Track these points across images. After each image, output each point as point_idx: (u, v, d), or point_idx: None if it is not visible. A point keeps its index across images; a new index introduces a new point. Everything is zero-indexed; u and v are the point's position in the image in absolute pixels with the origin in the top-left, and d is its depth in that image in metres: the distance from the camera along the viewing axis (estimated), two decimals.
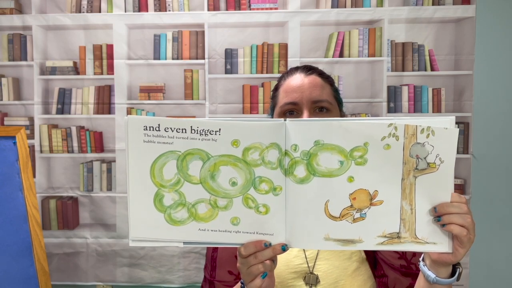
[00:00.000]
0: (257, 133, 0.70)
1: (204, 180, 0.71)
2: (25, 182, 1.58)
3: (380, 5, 2.07)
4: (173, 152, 0.70)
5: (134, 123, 0.69)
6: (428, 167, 0.68)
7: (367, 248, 0.71)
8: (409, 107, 2.09)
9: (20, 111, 2.19)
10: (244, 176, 0.71)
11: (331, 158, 0.69)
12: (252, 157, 0.70)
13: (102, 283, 2.18)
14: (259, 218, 0.71)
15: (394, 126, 0.67)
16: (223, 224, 0.71)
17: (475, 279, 2.08)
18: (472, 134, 2.07)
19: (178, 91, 2.16)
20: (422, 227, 0.69)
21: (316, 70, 0.97)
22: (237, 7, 2.12)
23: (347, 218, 0.70)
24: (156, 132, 0.69)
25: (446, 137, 0.67)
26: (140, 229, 0.71)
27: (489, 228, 2.08)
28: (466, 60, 2.06)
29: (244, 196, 0.71)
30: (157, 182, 0.70)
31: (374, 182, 0.69)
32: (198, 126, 0.69)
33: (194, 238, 0.71)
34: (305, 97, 0.91)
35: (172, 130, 0.69)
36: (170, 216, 0.71)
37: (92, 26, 2.14)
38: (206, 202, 0.71)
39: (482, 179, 2.06)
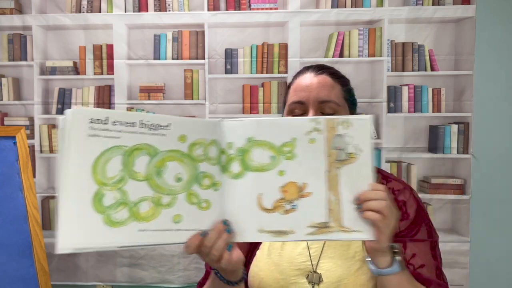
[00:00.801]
0: (202, 129, 0.73)
1: (150, 177, 0.69)
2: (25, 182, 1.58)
3: (380, 5, 2.07)
4: (119, 147, 0.67)
5: (79, 115, 0.65)
6: (349, 157, 0.73)
7: (298, 238, 0.73)
8: (409, 107, 2.09)
9: (20, 111, 2.19)
10: (189, 172, 0.72)
11: (262, 154, 0.73)
12: (197, 152, 0.72)
13: (102, 283, 2.18)
14: (201, 214, 0.72)
15: (316, 120, 0.73)
16: (165, 222, 0.70)
17: (475, 279, 2.08)
18: (472, 134, 2.06)
19: (178, 91, 2.16)
20: (347, 216, 0.72)
21: (328, 70, 0.95)
22: (237, 7, 2.12)
23: (279, 210, 0.73)
24: (104, 126, 0.66)
25: (361, 126, 0.72)
26: (73, 235, 0.65)
27: (489, 228, 2.08)
28: (466, 60, 2.06)
29: (188, 192, 0.71)
30: (98, 180, 0.66)
31: (302, 175, 0.73)
32: (148, 121, 0.69)
33: (133, 240, 0.68)
34: (312, 97, 0.90)
35: (120, 124, 0.67)
36: (109, 217, 0.67)
37: (92, 26, 2.14)
38: (149, 200, 0.69)
39: (482, 179, 2.06)
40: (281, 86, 2.13)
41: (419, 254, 0.87)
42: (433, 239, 0.90)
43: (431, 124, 2.11)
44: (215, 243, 0.71)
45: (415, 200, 0.92)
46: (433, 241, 0.89)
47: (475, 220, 2.07)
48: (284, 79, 2.12)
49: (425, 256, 0.87)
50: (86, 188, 0.66)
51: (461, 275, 2.08)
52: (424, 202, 2.08)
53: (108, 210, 0.66)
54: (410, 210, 0.90)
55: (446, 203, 2.10)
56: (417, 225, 0.89)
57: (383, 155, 2.08)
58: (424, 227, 0.89)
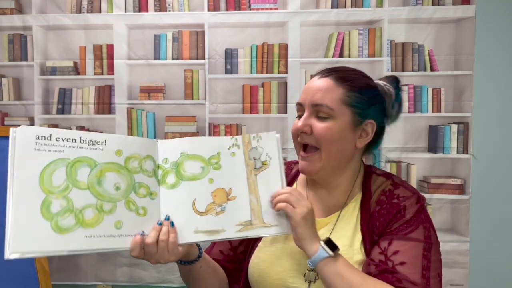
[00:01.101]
0: (136, 146, 0.84)
1: (92, 186, 0.78)
2: None
3: (380, 5, 2.07)
4: (63, 160, 0.76)
5: (26, 133, 0.75)
6: (262, 165, 0.89)
7: (229, 236, 0.85)
8: (409, 107, 2.09)
9: (21, 111, 2.19)
10: (126, 181, 0.81)
11: (194, 165, 0.86)
12: (133, 165, 0.83)
13: (103, 283, 2.18)
14: (139, 219, 0.81)
15: (235, 138, 0.89)
16: (108, 228, 0.78)
17: (475, 279, 2.08)
18: (472, 134, 2.07)
19: (178, 91, 2.16)
20: (267, 214, 0.86)
21: (336, 73, 0.93)
22: (237, 7, 2.12)
23: (211, 213, 0.84)
24: (48, 142, 0.76)
25: (269, 139, 0.90)
26: (23, 241, 0.70)
27: (489, 228, 2.08)
28: (466, 60, 2.06)
29: (126, 199, 0.81)
30: (45, 189, 0.74)
31: (228, 181, 0.87)
32: (86, 137, 0.79)
33: (81, 245, 0.75)
34: (307, 100, 0.91)
35: (63, 140, 0.77)
36: (57, 224, 0.73)
37: (92, 26, 2.14)
38: (93, 207, 0.77)
39: (482, 179, 2.06)
40: (281, 86, 2.13)
41: (404, 252, 0.84)
42: (429, 241, 0.86)
43: (431, 124, 2.12)
44: (159, 239, 0.80)
45: (419, 207, 0.90)
46: (428, 242, 0.86)
47: (475, 220, 2.07)
48: (284, 79, 2.12)
49: (410, 255, 0.84)
50: (35, 196, 0.73)
51: (461, 275, 2.08)
52: None
53: (56, 217, 0.73)
54: (407, 212, 0.88)
55: (446, 203, 2.10)
56: (412, 225, 0.87)
57: (383, 155, 2.09)
58: (421, 228, 0.87)
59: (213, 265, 1.00)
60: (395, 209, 0.89)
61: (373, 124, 0.92)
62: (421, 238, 0.86)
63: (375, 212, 0.90)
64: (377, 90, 0.95)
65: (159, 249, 0.80)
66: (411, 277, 0.82)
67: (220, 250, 1.05)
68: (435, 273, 0.85)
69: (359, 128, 0.91)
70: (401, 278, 0.82)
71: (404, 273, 0.82)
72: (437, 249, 0.88)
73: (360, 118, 0.91)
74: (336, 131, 0.89)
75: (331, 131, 0.89)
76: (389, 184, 0.94)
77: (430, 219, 0.91)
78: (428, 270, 0.84)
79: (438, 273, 0.86)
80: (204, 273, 0.95)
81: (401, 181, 0.96)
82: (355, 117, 0.90)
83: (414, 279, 0.82)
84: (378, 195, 0.93)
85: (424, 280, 0.82)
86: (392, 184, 0.94)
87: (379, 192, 0.93)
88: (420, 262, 0.84)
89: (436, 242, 0.88)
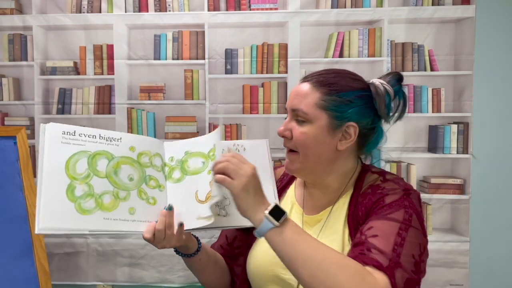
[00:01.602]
0: (147, 144, 0.96)
1: (109, 175, 0.89)
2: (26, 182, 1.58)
3: (380, 5, 2.08)
4: (85, 152, 0.89)
5: (54, 128, 0.88)
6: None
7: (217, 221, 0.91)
8: (409, 107, 2.09)
9: (21, 111, 2.19)
10: (138, 174, 0.93)
11: (196, 161, 0.95)
12: (144, 160, 0.95)
13: (103, 283, 2.18)
14: (150, 208, 0.92)
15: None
16: (123, 213, 0.88)
17: (475, 279, 2.08)
18: (472, 134, 2.07)
19: (178, 91, 2.16)
20: None
21: (316, 77, 0.95)
22: (237, 7, 2.12)
23: (209, 200, 0.89)
24: (72, 136, 0.89)
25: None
26: (50, 219, 0.81)
27: (489, 228, 2.08)
28: (466, 60, 2.06)
29: (138, 189, 0.92)
30: (70, 175, 0.86)
31: None
32: (105, 134, 0.92)
33: (100, 226, 0.85)
34: (288, 105, 0.97)
35: (85, 136, 0.90)
36: (80, 205, 0.84)
37: (93, 26, 2.14)
38: (110, 193, 0.88)
39: (481, 179, 2.06)
40: (281, 86, 2.13)
41: (379, 227, 0.83)
42: (407, 223, 0.84)
43: (431, 124, 2.12)
44: (167, 224, 0.88)
45: (403, 194, 0.89)
46: (407, 224, 0.83)
47: (474, 220, 2.07)
48: (284, 79, 2.12)
49: (385, 230, 0.82)
50: (61, 181, 0.85)
51: (461, 275, 2.08)
52: (424, 202, 2.09)
53: (79, 200, 0.85)
54: (388, 198, 0.88)
55: (446, 203, 2.10)
56: (393, 208, 0.86)
57: (383, 155, 2.09)
58: (402, 212, 0.85)
59: (214, 257, 1.07)
60: (378, 196, 0.89)
61: (355, 126, 0.92)
62: (400, 219, 0.84)
63: (359, 204, 0.91)
64: (363, 91, 0.94)
65: (166, 235, 0.88)
66: (380, 247, 0.80)
67: (220, 244, 1.13)
68: (409, 252, 0.81)
69: (339, 130, 0.92)
70: (370, 247, 0.80)
71: (374, 243, 0.80)
72: (418, 234, 0.85)
73: (338, 121, 0.92)
74: (311, 135, 0.91)
75: (305, 135, 0.92)
76: (379, 180, 0.94)
77: (416, 208, 0.88)
78: (401, 247, 0.80)
79: (413, 255, 0.82)
80: (204, 265, 1.04)
81: (393, 177, 0.96)
82: (332, 121, 0.91)
83: (383, 248, 0.79)
84: (365, 189, 0.93)
85: (394, 254, 0.79)
86: (382, 180, 0.94)
87: (367, 186, 0.94)
88: (393, 238, 0.81)
89: (417, 227, 0.85)
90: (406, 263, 0.80)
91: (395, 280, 0.76)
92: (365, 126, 0.94)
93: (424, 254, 0.85)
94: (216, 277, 1.08)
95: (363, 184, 0.95)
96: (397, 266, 0.78)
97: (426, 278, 0.87)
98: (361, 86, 0.95)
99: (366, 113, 0.94)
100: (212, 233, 1.82)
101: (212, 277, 1.08)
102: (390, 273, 0.76)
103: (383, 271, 0.77)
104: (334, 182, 0.97)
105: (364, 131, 0.94)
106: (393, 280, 0.76)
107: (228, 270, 1.11)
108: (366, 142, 0.97)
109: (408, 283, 0.79)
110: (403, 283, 0.77)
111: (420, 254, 0.83)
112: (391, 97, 0.95)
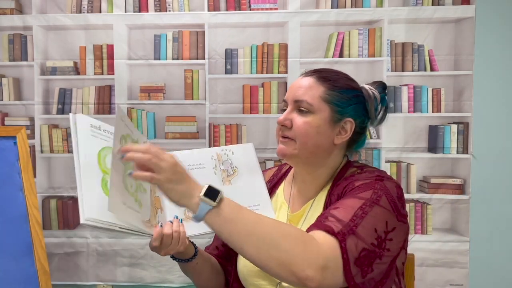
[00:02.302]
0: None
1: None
2: (26, 182, 1.58)
3: (380, 5, 2.07)
4: (110, 148, 0.85)
5: (83, 120, 0.86)
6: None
7: None
8: (409, 107, 2.09)
9: (21, 111, 2.19)
10: None
11: None
12: None
13: (103, 283, 2.18)
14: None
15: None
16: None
17: (475, 279, 2.08)
18: (472, 134, 2.07)
19: (178, 91, 2.16)
20: None
21: (318, 73, 0.99)
22: (237, 7, 2.12)
23: None
24: (98, 131, 0.88)
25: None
26: (92, 211, 0.78)
27: (489, 228, 2.08)
28: (466, 60, 2.06)
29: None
30: (102, 169, 0.84)
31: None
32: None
33: (134, 222, 0.82)
34: (290, 96, 0.98)
35: (108, 132, 0.89)
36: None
37: (93, 26, 2.14)
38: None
39: (482, 179, 2.06)
40: (281, 86, 2.13)
41: (342, 202, 0.84)
42: (374, 201, 0.83)
43: (431, 124, 2.12)
44: (173, 230, 0.90)
45: (375, 178, 0.89)
46: (373, 202, 0.83)
47: (475, 220, 2.07)
48: (284, 79, 2.12)
49: (347, 204, 0.83)
50: (96, 175, 0.82)
51: (461, 275, 2.08)
52: (423, 202, 2.09)
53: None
54: (357, 181, 0.89)
55: (446, 203, 2.10)
56: (361, 188, 0.87)
57: (382, 155, 2.09)
58: (370, 192, 0.85)
59: (210, 260, 1.10)
60: (348, 182, 0.92)
61: (352, 122, 0.96)
62: (366, 197, 0.84)
63: (333, 192, 0.94)
64: (359, 91, 1.00)
65: (173, 240, 0.90)
66: (338, 216, 0.80)
67: (216, 245, 1.15)
68: (369, 225, 0.80)
69: (338, 125, 0.96)
70: (328, 216, 0.81)
71: (333, 213, 0.81)
72: (385, 213, 0.83)
73: (339, 116, 0.95)
74: (314, 125, 0.94)
75: (308, 125, 0.94)
76: (357, 172, 0.96)
77: (388, 190, 0.86)
78: (360, 219, 0.80)
79: (376, 229, 0.80)
80: (200, 268, 1.06)
81: (372, 169, 0.97)
82: (334, 114, 0.95)
83: (340, 217, 0.79)
84: (342, 180, 0.95)
85: (351, 223, 0.78)
86: (359, 172, 0.96)
87: (344, 178, 0.96)
88: (354, 211, 0.81)
89: (386, 207, 0.84)
90: (364, 233, 0.79)
91: (346, 246, 0.76)
92: (358, 124, 0.98)
93: (392, 233, 0.83)
94: (212, 279, 1.11)
95: (342, 176, 0.98)
96: (351, 233, 0.77)
97: (426, 278, 0.87)
98: (357, 86, 1.01)
99: (361, 113, 0.99)
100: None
101: (207, 280, 1.10)
102: (341, 238, 0.76)
103: (334, 236, 0.76)
104: (322, 175, 1.00)
105: (357, 130, 0.98)
106: (343, 245, 0.76)
107: (222, 272, 1.13)
108: (356, 140, 1.01)
109: (367, 255, 0.78)
110: (358, 253, 0.77)
111: (386, 231, 0.82)
112: (377, 102, 1.01)
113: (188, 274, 1.08)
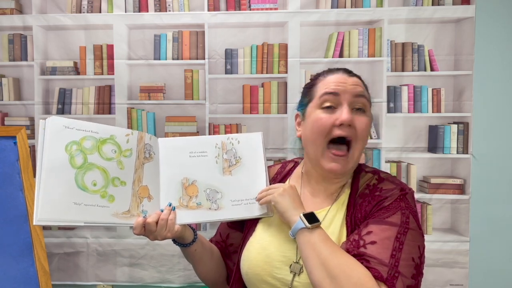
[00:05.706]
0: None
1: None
2: (26, 182, 1.58)
3: (380, 6, 2.08)
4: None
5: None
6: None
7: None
8: (409, 107, 2.09)
9: (21, 111, 2.19)
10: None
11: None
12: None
13: (103, 283, 2.18)
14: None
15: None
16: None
17: (475, 279, 2.08)
18: (472, 134, 2.07)
19: (178, 91, 2.16)
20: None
21: (351, 73, 1.01)
22: (237, 7, 2.12)
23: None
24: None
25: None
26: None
27: (489, 228, 2.08)
28: (466, 60, 2.06)
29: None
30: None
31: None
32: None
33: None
34: (348, 90, 0.94)
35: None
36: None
37: (93, 26, 2.14)
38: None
39: (482, 179, 2.07)
40: (281, 86, 2.13)
41: (377, 233, 0.84)
42: (405, 226, 0.85)
43: (431, 124, 2.12)
44: (160, 218, 0.96)
45: (400, 195, 0.90)
46: (404, 227, 0.85)
47: (474, 220, 2.07)
48: (284, 79, 2.12)
49: (382, 236, 0.84)
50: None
51: (461, 275, 2.08)
52: (423, 202, 2.09)
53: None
54: (386, 201, 0.90)
55: (446, 203, 2.10)
56: (390, 211, 0.87)
57: (382, 155, 2.09)
58: (399, 214, 0.87)
59: (210, 250, 1.12)
60: (376, 200, 0.91)
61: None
62: (397, 223, 0.86)
63: (358, 205, 0.93)
64: None
65: (158, 227, 0.96)
66: (379, 256, 0.81)
67: (216, 240, 1.18)
68: (408, 256, 0.82)
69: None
70: (369, 258, 0.82)
71: (372, 252, 0.82)
72: (416, 235, 0.86)
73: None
74: (368, 125, 0.95)
75: (366, 125, 0.94)
76: (375, 179, 0.96)
77: (412, 207, 0.90)
78: (399, 252, 0.82)
79: (413, 258, 0.83)
80: (199, 256, 1.08)
81: (387, 175, 0.98)
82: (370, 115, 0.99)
83: (381, 258, 0.81)
84: (362, 189, 0.95)
85: (393, 260, 0.80)
86: (377, 178, 0.96)
87: (364, 186, 0.95)
88: (392, 243, 0.82)
89: (415, 229, 0.87)
90: (406, 268, 0.81)
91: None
92: None
93: (423, 255, 0.87)
94: (212, 269, 1.11)
95: (359, 184, 0.97)
96: (397, 275, 0.80)
97: (426, 278, 0.88)
98: None
99: None
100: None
101: (207, 269, 1.11)
102: (390, 283, 0.78)
103: (383, 282, 0.79)
104: (344, 179, 1.00)
105: None
106: None
107: (224, 265, 1.14)
108: None
109: (410, 286, 0.81)
110: None
111: (419, 256, 0.85)
112: None
113: (189, 260, 1.12)
